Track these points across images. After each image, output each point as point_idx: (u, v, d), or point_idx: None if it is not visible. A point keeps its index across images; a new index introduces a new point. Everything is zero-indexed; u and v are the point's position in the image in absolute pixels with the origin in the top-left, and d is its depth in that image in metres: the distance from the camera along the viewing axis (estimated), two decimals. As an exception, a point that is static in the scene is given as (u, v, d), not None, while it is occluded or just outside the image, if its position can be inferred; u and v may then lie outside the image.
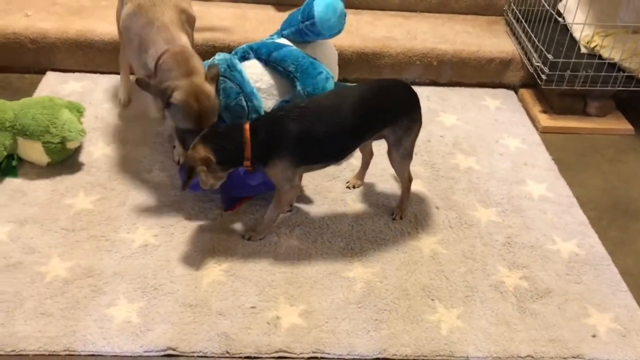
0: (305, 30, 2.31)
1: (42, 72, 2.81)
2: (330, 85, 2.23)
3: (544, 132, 2.79)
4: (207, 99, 1.93)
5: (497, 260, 2.10)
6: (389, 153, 2.10)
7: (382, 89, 2.08)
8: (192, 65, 1.95)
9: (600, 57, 2.83)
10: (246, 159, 1.85)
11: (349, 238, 2.12)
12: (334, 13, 2.29)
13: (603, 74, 2.73)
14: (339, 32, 2.38)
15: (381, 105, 2.01)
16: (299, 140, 1.88)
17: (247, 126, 1.86)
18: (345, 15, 2.36)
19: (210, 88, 1.96)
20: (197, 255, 2.01)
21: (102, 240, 2.03)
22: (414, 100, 2.07)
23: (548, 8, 2.78)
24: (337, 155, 2.03)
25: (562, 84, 2.75)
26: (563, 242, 2.20)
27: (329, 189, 2.33)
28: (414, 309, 1.90)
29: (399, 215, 2.21)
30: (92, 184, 2.25)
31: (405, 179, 2.18)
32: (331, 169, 2.40)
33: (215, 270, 1.96)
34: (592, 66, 2.77)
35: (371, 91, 2.05)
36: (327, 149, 1.97)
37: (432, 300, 1.93)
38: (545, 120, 2.83)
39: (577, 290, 2.01)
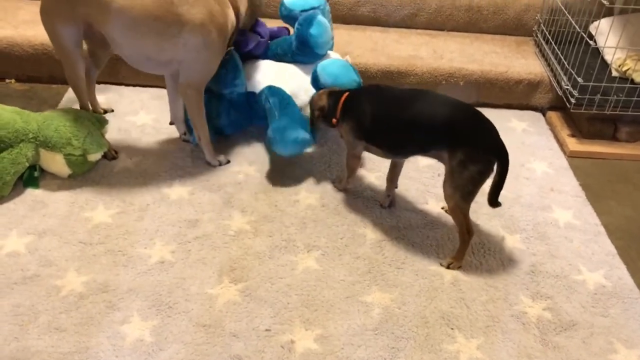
0: (297, 52, 2.52)
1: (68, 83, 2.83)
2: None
3: (571, 156, 2.72)
4: None
5: (520, 289, 2.03)
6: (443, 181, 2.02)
7: (455, 108, 1.98)
8: None
9: (632, 81, 2.76)
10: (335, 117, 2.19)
11: (368, 261, 2.08)
12: (326, 33, 2.51)
13: (635, 98, 2.66)
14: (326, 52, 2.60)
15: (445, 125, 1.94)
16: (364, 116, 2.09)
17: (345, 94, 2.18)
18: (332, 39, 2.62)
19: None
20: (213, 273, 1.98)
21: (118, 255, 2.02)
22: (479, 137, 1.93)
23: (579, 30, 2.72)
24: (392, 146, 2.11)
25: (591, 108, 2.68)
26: (589, 272, 2.12)
27: (350, 209, 2.29)
28: (432, 338, 1.84)
29: (446, 264, 2.08)
30: (111, 197, 2.25)
31: (457, 221, 2.03)
32: (352, 188, 2.37)
33: (230, 290, 1.93)
34: (624, 90, 2.70)
35: (443, 106, 1.99)
36: (385, 136, 2.08)
37: (452, 329, 1.88)
38: (573, 144, 2.76)
39: (603, 324, 1.94)
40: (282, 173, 2.45)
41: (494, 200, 2.00)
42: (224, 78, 2.38)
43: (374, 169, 2.50)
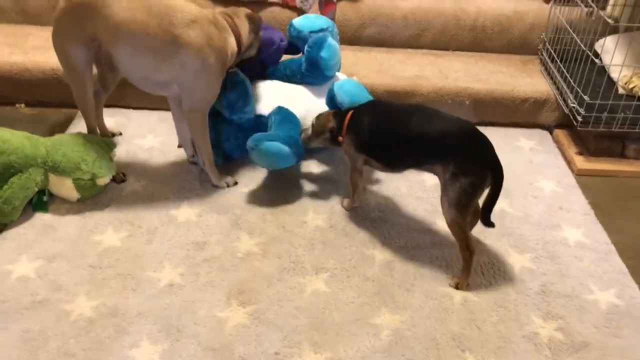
0: (307, 73, 2.56)
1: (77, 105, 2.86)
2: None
3: (579, 174, 2.71)
4: None
5: (531, 309, 2.02)
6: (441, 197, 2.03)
7: (448, 122, 2.00)
8: None
9: (639, 98, 2.75)
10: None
11: (377, 282, 2.07)
12: (336, 56, 2.56)
13: (642, 116, 2.66)
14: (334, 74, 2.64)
15: (437, 138, 1.97)
16: (363, 129, 2.14)
17: (349, 112, 2.22)
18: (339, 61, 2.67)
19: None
20: (222, 296, 1.98)
21: (128, 279, 2.02)
22: (471, 150, 1.94)
23: (584, 49, 2.72)
24: (389, 160, 2.15)
25: (599, 125, 2.68)
26: (601, 291, 2.10)
27: (358, 230, 2.29)
28: (443, 360, 1.83)
29: (454, 284, 2.07)
30: (120, 220, 2.26)
31: (456, 237, 2.02)
32: (359, 210, 2.37)
33: (239, 313, 1.92)
34: (631, 108, 2.69)
35: (438, 120, 2.01)
36: (382, 149, 2.13)
37: (463, 351, 1.86)
38: (581, 162, 2.75)
39: (616, 345, 1.92)
40: (290, 194, 2.45)
41: (486, 217, 2.01)
42: (233, 104, 2.39)
43: (381, 189, 2.50)
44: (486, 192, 1.99)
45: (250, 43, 2.38)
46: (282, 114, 2.44)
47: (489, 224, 2.03)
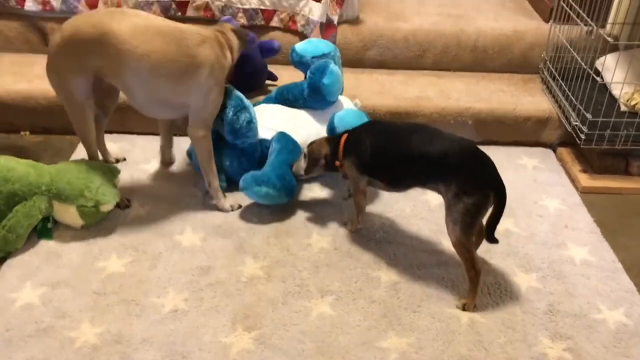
0: (309, 99, 2.58)
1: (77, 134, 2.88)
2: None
3: (584, 192, 2.70)
4: None
5: (538, 329, 2.00)
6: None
7: (450, 142, 2.01)
8: None
9: (641, 115, 2.76)
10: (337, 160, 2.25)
11: (383, 305, 2.06)
12: (338, 82, 2.58)
13: (645, 133, 2.66)
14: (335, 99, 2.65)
15: (439, 157, 1.98)
16: (365, 150, 2.15)
17: (344, 136, 2.24)
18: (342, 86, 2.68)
19: None
20: (227, 321, 1.97)
21: (132, 305, 2.02)
22: (473, 170, 1.96)
23: (585, 67, 2.73)
24: (392, 179, 2.16)
25: (602, 143, 2.68)
26: (609, 310, 2.08)
27: (363, 251, 2.28)
28: (451, 383, 1.81)
29: (461, 306, 2.05)
30: (124, 246, 2.26)
31: (462, 257, 2.01)
32: (363, 231, 2.36)
33: (244, 338, 1.91)
34: (633, 125, 2.69)
35: (439, 139, 2.02)
36: (385, 169, 2.15)
37: (471, 373, 1.84)
38: (585, 180, 2.75)
39: (626, 365, 1.89)
40: (294, 216, 2.45)
41: (490, 234, 2.02)
42: (237, 130, 2.40)
43: (385, 210, 2.50)
44: (490, 210, 1.98)
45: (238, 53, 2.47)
46: (282, 142, 2.46)
47: (492, 240, 2.03)
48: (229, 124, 2.38)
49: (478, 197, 1.92)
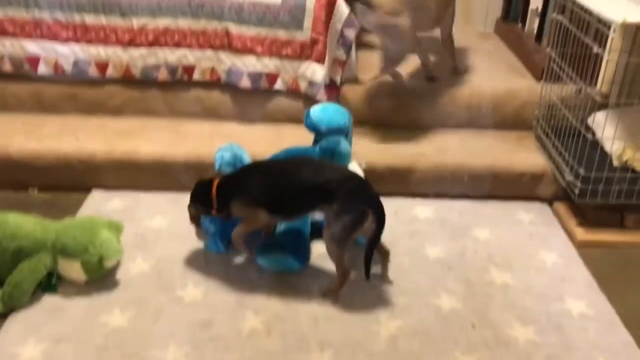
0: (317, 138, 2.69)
1: (88, 190, 2.96)
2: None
3: (580, 246, 2.74)
4: None
5: (538, 383, 2.01)
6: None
7: (329, 171, 2.30)
8: None
9: (633, 170, 2.82)
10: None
11: (382, 359, 2.07)
12: (347, 161, 2.65)
13: (638, 187, 2.71)
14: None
15: (325, 184, 2.23)
16: (255, 189, 2.32)
17: (215, 183, 2.36)
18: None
19: None
20: (227, 375, 1.98)
21: (134, 359, 2.03)
22: (350, 192, 2.21)
23: (576, 124, 2.82)
24: (285, 209, 2.33)
25: (596, 198, 2.73)
26: (608, 363, 2.10)
27: (362, 303, 2.30)
28: None
29: (325, 294, 2.32)
30: (127, 300, 2.29)
31: (333, 261, 2.28)
32: (360, 283, 2.39)
33: (244, 392, 1.92)
34: (626, 179, 2.76)
35: (319, 169, 2.31)
36: (281, 203, 2.31)
37: None
38: (581, 234, 2.79)
39: (626, 418, 1.89)
40: (295, 270, 2.48)
41: (369, 251, 2.25)
42: None
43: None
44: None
45: None
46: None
47: (367, 272, 2.28)
48: None
49: (355, 214, 2.17)
